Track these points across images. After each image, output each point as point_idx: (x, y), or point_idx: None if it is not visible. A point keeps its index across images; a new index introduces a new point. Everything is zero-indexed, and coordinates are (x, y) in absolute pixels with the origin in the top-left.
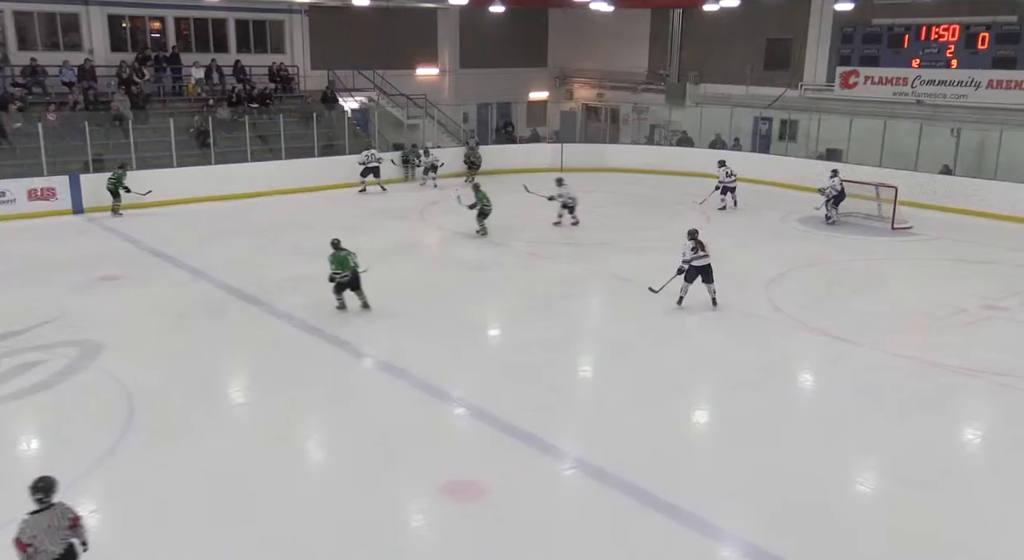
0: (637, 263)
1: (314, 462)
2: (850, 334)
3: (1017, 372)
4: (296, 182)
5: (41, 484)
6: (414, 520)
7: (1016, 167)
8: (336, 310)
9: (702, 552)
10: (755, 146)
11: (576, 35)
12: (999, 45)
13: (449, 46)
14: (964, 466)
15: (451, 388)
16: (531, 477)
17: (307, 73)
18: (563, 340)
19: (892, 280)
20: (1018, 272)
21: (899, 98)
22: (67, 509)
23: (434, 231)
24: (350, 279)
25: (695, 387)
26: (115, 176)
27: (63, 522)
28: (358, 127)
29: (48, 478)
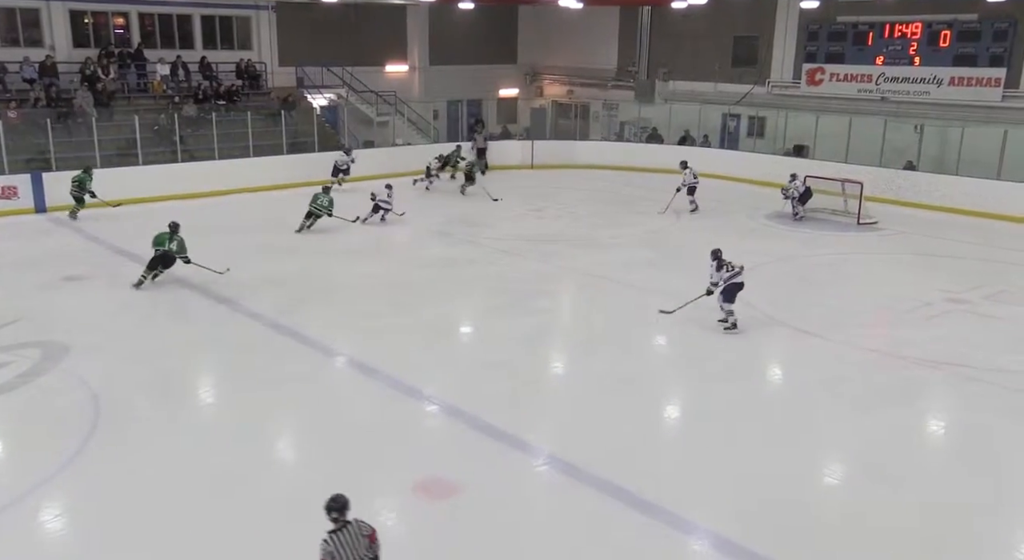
0: (608, 259)
1: (285, 462)
2: (818, 328)
3: (979, 364)
4: (265, 180)
5: (335, 504)
6: (386, 518)
7: (977, 163)
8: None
9: (675, 547)
10: (724, 143)
11: (546, 32)
12: (960, 43)
13: (418, 43)
14: (931, 457)
15: (423, 386)
16: (503, 474)
17: (275, 70)
18: (534, 337)
19: (858, 275)
20: (980, 266)
21: (864, 95)
22: (363, 525)
23: (405, 228)
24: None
25: (667, 382)
26: (78, 180)
27: (362, 540)
28: (327, 124)
29: (341, 497)
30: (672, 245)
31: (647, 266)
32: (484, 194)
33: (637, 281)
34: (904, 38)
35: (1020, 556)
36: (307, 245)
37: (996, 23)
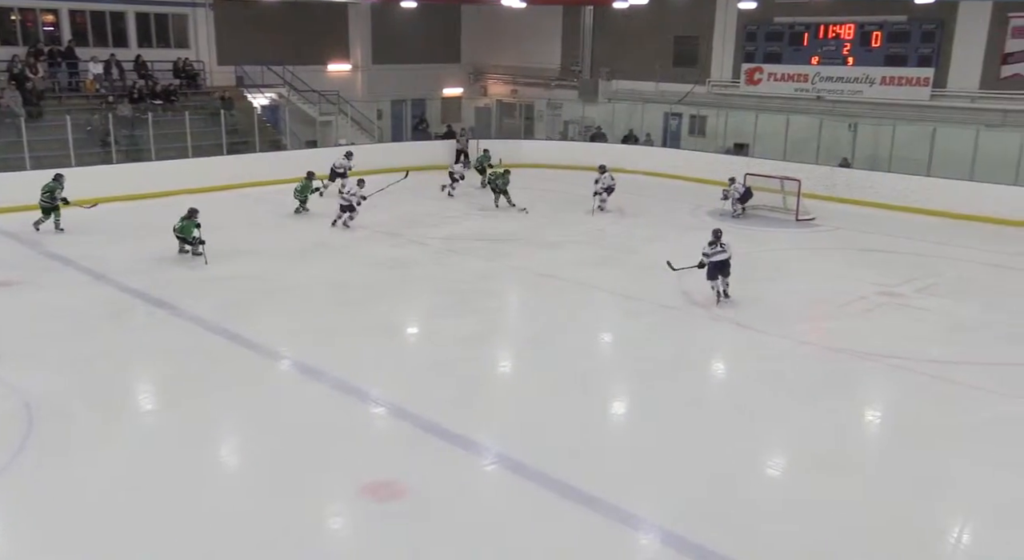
0: (553, 258)
1: (228, 467)
2: (758, 323)
3: (912, 355)
4: (204, 181)
5: None
6: (333, 522)
7: (908, 160)
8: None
9: (624, 542)
10: (666, 141)
11: (489, 31)
12: (891, 43)
13: (361, 41)
14: (868, 446)
15: (369, 387)
16: (452, 474)
17: (213, 69)
18: (481, 336)
19: (797, 270)
20: (912, 260)
21: (801, 94)
22: None
23: (351, 229)
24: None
25: (612, 378)
26: (48, 189)
27: None
28: (268, 124)
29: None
30: (617, 243)
31: (594, 264)
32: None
33: (584, 279)
34: (838, 39)
35: (952, 538)
36: (249, 246)
37: (924, 24)
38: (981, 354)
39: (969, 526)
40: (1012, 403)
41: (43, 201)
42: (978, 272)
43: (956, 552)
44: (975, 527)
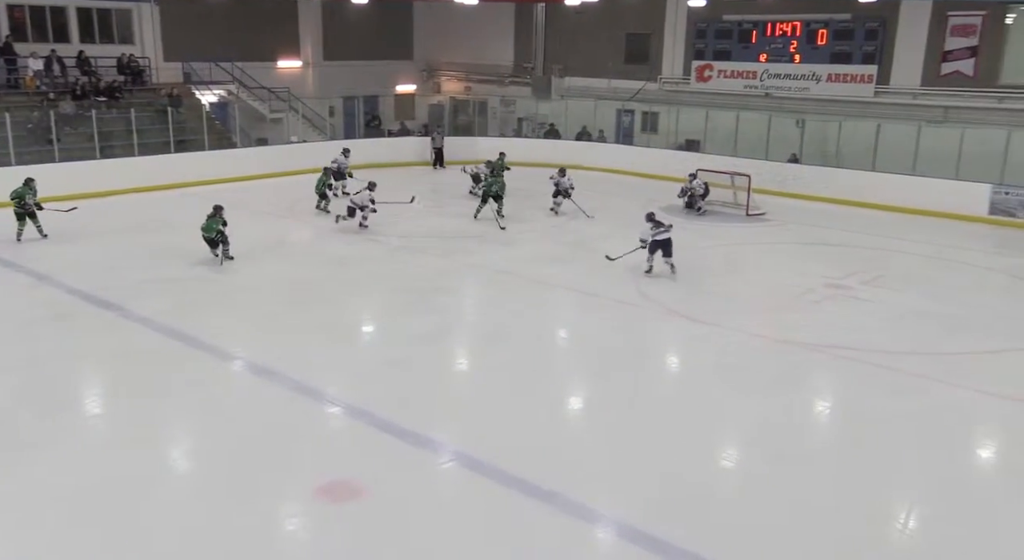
0: (510, 255)
1: (179, 470)
2: (711, 317)
3: (859, 345)
4: (151, 179)
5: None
6: (288, 524)
7: (854, 155)
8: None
9: (582, 537)
10: (619, 138)
11: (442, 28)
12: (836, 41)
13: (311, 38)
14: (820, 435)
15: (324, 387)
16: (409, 473)
17: (160, 65)
18: (437, 333)
19: (748, 264)
20: (858, 253)
21: (750, 91)
22: None
23: (304, 227)
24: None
25: (569, 374)
26: (17, 194)
27: None
28: (217, 121)
29: None
30: (573, 239)
31: (550, 260)
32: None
33: (540, 276)
34: (785, 36)
35: (900, 524)
36: (198, 246)
37: (868, 23)
38: (924, 344)
39: (915, 510)
40: (954, 390)
41: (15, 208)
42: (921, 264)
43: (903, 536)
44: (921, 511)
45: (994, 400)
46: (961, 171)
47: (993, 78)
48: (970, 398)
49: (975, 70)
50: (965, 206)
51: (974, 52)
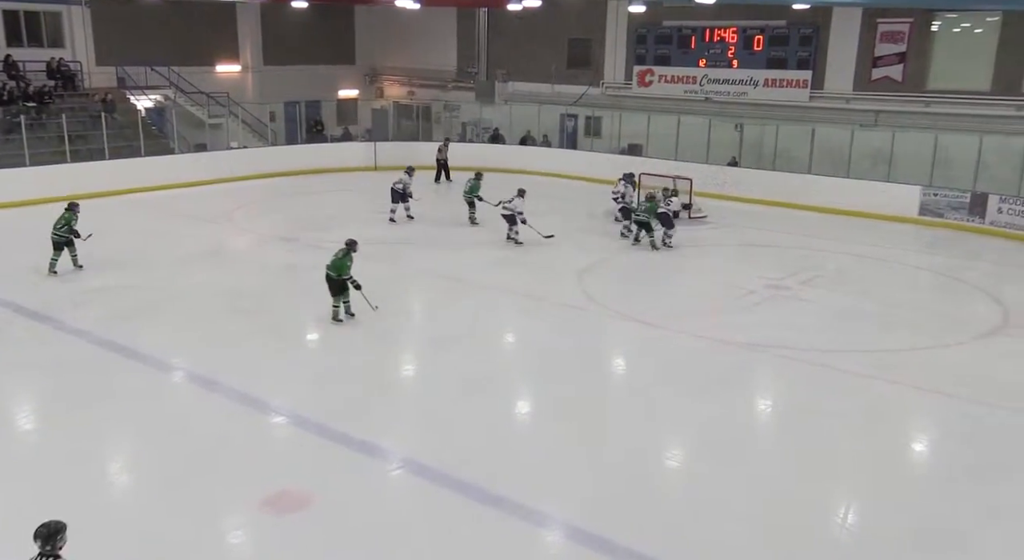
0: (455, 260)
1: (119, 485)
2: (656, 319)
3: (798, 345)
4: (85, 186)
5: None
6: (232, 537)
7: (791, 158)
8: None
9: (531, 540)
10: (563, 142)
11: (384, 33)
12: (772, 47)
13: (251, 42)
14: (763, 433)
15: (268, 397)
16: (357, 481)
17: (92, 69)
18: (383, 340)
19: (690, 266)
20: (797, 253)
21: (690, 96)
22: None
23: (245, 234)
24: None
25: (516, 379)
26: (64, 221)
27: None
28: (154, 127)
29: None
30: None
31: (495, 265)
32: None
33: (486, 280)
34: (723, 42)
35: (840, 518)
36: (135, 254)
37: (802, 29)
38: (858, 342)
39: (854, 505)
40: (886, 386)
41: (59, 234)
42: (855, 264)
43: (842, 530)
44: (859, 505)
45: (928, 395)
46: (892, 173)
47: (921, 83)
48: (905, 393)
49: (903, 75)
50: (896, 207)
51: (902, 58)
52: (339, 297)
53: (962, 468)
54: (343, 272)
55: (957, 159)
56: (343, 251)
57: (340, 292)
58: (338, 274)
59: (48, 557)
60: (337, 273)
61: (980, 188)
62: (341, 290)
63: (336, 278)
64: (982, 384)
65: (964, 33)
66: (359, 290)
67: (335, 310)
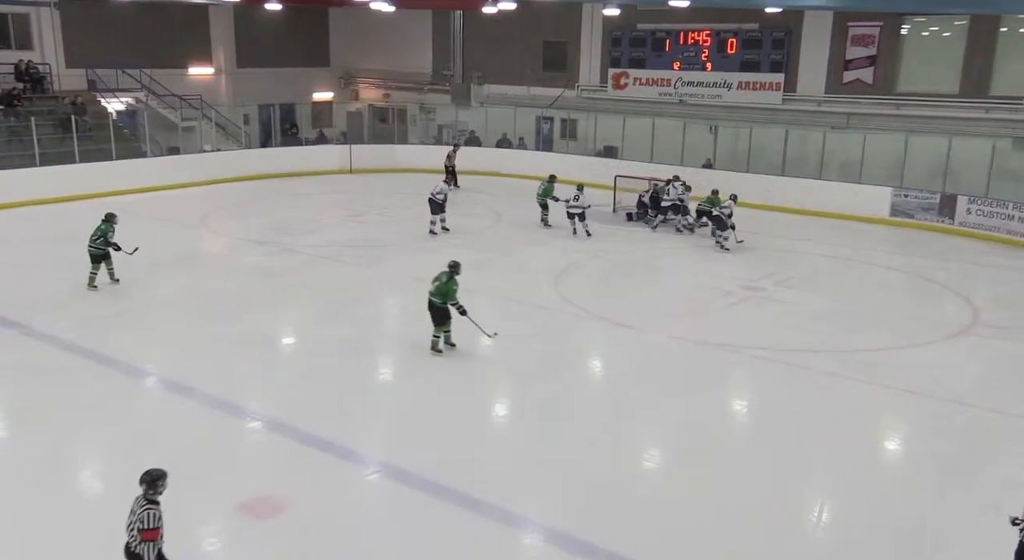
0: (431, 263)
1: (91, 493)
2: (631, 320)
3: (772, 345)
4: (56, 191)
5: (144, 477)
6: (208, 544)
7: (765, 161)
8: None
9: (509, 543)
10: (539, 145)
11: (359, 35)
12: (745, 50)
13: (224, 44)
14: (736, 434)
15: (244, 402)
16: (333, 486)
17: (61, 72)
18: (359, 344)
19: (666, 268)
20: (771, 255)
21: (664, 98)
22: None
23: (219, 238)
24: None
25: (492, 381)
26: (100, 232)
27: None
28: (125, 130)
29: (152, 472)
30: (495, 246)
31: (471, 268)
32: (306, 199)
33: (462, 282)
34: (697, 45)
35: (815, 517)
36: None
37: (774, 32)
38: (831, 342)
39: (828, 503)
40: (858, 386)
41: (97, 245)
42: (828, 265)
43: (817, 528)
44: (833, 504)
45: (899, 394)
46: (864, 175)
47: (891, 86)
48: (877, 393)
49: (874, 78)
50: (868, 209)
51: (873, 61)
52: (441, 326)
53: (934, 466)
54: (449, 298)
55: (927, 161)
56: (447, 274)
57: (444, 320)
58: (443, 300)
59: (150, 502)
60: (442, 299)
61: (949, 189)
62: (445, 318)
63: (440, 304)
64: (952, 383)
65: (933, 36)
66: (465, 315)
67: (435, 340)
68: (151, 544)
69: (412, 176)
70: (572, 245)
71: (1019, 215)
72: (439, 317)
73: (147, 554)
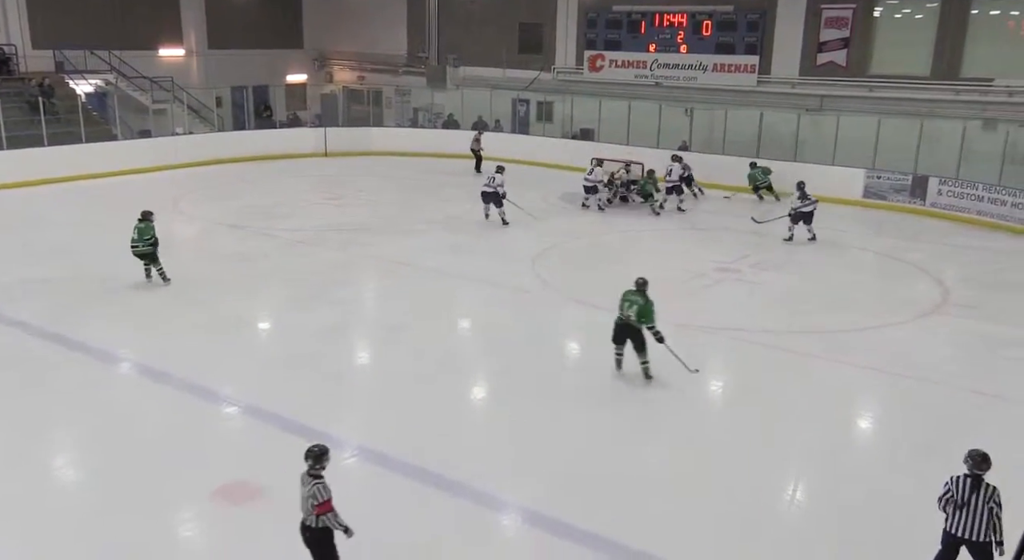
0: (410, 246)
1: (65, 481)
2: (610, 303)
3: (748, 326)
4: (22, 175)
5: (309, 451)
6: (184, 530)
7: (740, 143)
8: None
9: (488, 524)
10: (515, 127)
11: (332, 17)
12: (720, 32)
13: (195, 25)
14: (714, 415)
15: (219, 387)
16: None
17: (28, 53)
18: (336, 327)
19: (642, 250)
20: (745, 237)
21: (640, 80)
22: (321, 492)
23: (192, 223)
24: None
25: (470, 365)
26: (142, 230)
27: (308, 501)
28: (95, 113)
29: (317, 447)
30: (472, 229)
31: (449, 251)
32: (278, 183)
33: (439, 266)
34: (672, 27)
35: (788, 494)
36: (77, 244)
37: (749, 14)
38: (806, 322)
39: (802, 482)
40: (833, 365)
41: (142, 247)
42: (802, 246)
43: (791, 507)
44: (807, 483)
45: (872, 373)
46: (837, 157)
47: (864, 68)
48: (851, 372)
49: (847, 60)
50: (841, 190)
51: (846, 43)
52: (644, 353)
53: (906, 443)
54: (649, 320)
55: (899, 142)
56: (640, 293)
57: (644, 347)
58: (644, 321)
59: (316, 477)
60: (644, 320)
61: (921, 171)
62: (645, 343)
63: (638, 327)
64: (924, 361)
65: (905, 19)
66: (662, 343)
67: (618, 359)
68: (330, 515)
69: (387, 159)
70: (549, 228)
71: (988, 196)
72: (638, 342)
73: (331, 523)
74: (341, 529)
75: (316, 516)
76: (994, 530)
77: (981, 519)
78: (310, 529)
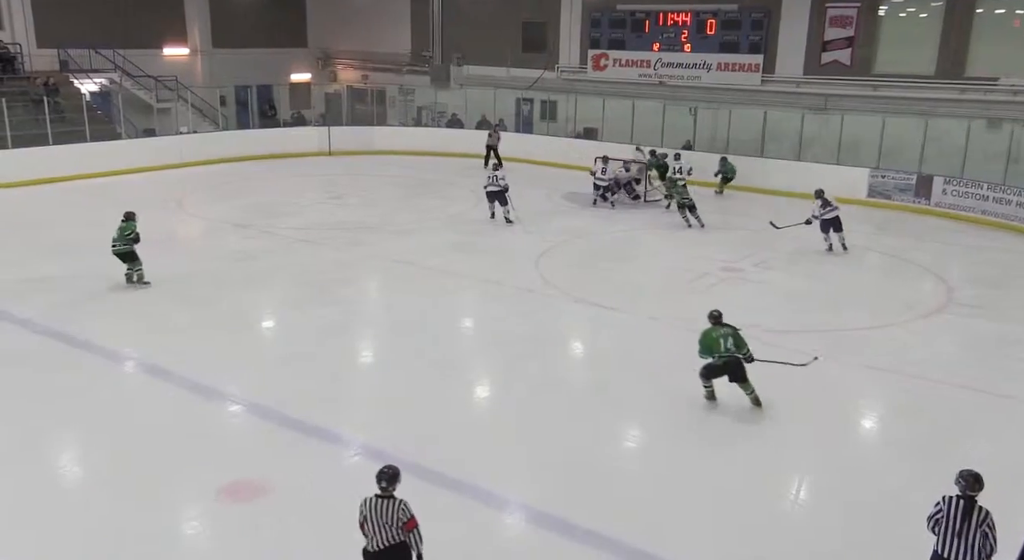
0: (411, 245)
1: (72, 479)
2: (611, 301)
3: (751, 324)
4: (27, 174)
5: (382, 474)
6: (190, 528)
7: (744, 142)
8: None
9: (491, 523)
10: (519, 127)
11: (336, 16)
12: (724, 31)
13: (199, 24)
14: (715, 414)
15: (224, 385)
16: (315, 468)
17: (33, 52)
18: (339, 326)
19: (646, 249)
20: (749, 236)
21: (644, 79)
22: (405, 510)
23: (197, 221)
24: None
25: (473, 363)
26: (126, 230)
27: (395, 519)
28: (99, 112)
29: (391, 468)
30: (474, 228)
31: (451, 250)
32: (284, 182)
33: (441, 265)
34: (676, 26)
35: (791, 494)
36: (83, 242)
37: (753, 13)
38: (809, 321)
39: (805, 481)
40: (835, 365)
41: (122, 245)
42: (806, 246)
43: (794, 506)
44: (810, 481)
45: (876, 373)
46: (841, 156)
47: (868, 67)
48: (855, 372)
49: (852, 59)
50: (845, 189)
51: (850, 42)
52: (747, 384)
53: (910, 443)
54: (743, 347)
55: (903, 142)
56: (721, 325)
57: (746, 376)
58: (744, 350)
59: (386, 497)
60: (744, 349)
61: (926, 170)
62: (745, 374)
63: (739, 357)
64: (928, 361)
65: (910, 18)
66: (752, 361)
67: (710, 390)
68: (416, 530)
69: (391, 158)
70: (552, 227)
71: (993, 195)
72: (742, 374)
73: (415, 537)
74: (417, 551)
75: (407, 532)
76: (988, 554)
77: (974, 544)
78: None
